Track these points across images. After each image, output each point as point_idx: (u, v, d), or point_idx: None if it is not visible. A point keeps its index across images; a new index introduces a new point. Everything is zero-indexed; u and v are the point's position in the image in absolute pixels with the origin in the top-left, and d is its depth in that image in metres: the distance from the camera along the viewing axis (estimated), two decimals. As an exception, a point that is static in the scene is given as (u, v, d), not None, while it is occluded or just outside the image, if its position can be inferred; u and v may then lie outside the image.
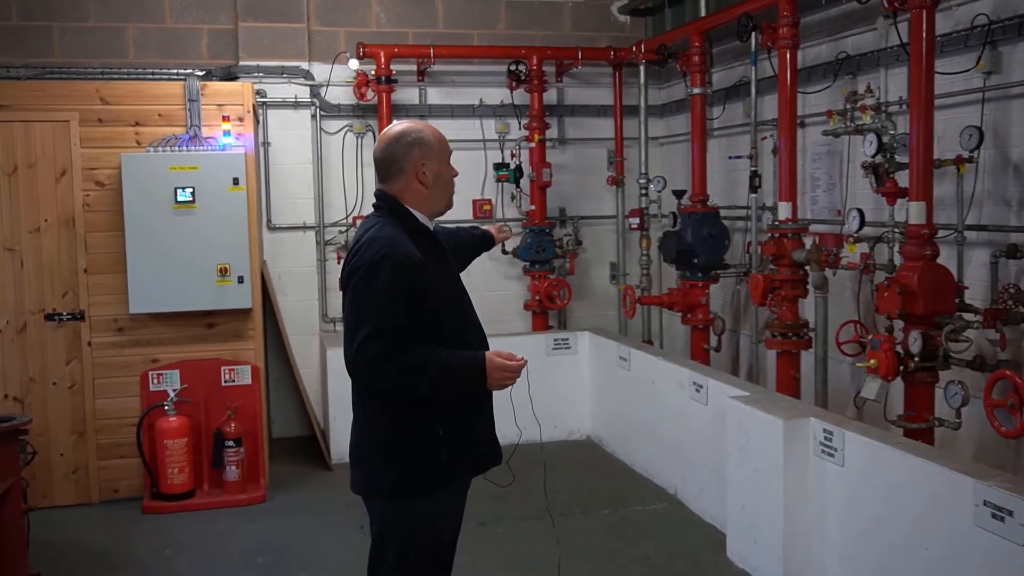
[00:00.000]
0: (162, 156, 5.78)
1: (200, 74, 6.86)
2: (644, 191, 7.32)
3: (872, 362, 4.48)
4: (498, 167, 7.65)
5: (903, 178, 4.66)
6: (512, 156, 7.71)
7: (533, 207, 7.60)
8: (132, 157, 5.73)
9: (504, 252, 7.59)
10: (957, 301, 4.53)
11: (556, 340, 7.17)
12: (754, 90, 6.29)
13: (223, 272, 5.82)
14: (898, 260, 4.79)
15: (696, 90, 6.62)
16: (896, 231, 4.89)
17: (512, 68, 7.51)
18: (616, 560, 4.89)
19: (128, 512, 5.74)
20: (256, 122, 6.68)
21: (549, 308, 7.66)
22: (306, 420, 7.04)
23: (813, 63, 6.03)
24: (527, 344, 7.06)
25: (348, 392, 3.03)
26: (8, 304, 5.75)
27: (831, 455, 4.15)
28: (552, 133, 7.83)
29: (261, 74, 7.18)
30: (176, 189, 5.71)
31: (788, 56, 5.49)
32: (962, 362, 4.50)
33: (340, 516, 5.47)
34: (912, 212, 4.49)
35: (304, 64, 7.32)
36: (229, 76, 7.05)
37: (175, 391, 5.83)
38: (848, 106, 5.12)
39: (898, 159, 4.76)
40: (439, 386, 2.84)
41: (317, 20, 7.40)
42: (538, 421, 3.45)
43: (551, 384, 6.92)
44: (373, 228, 2.94)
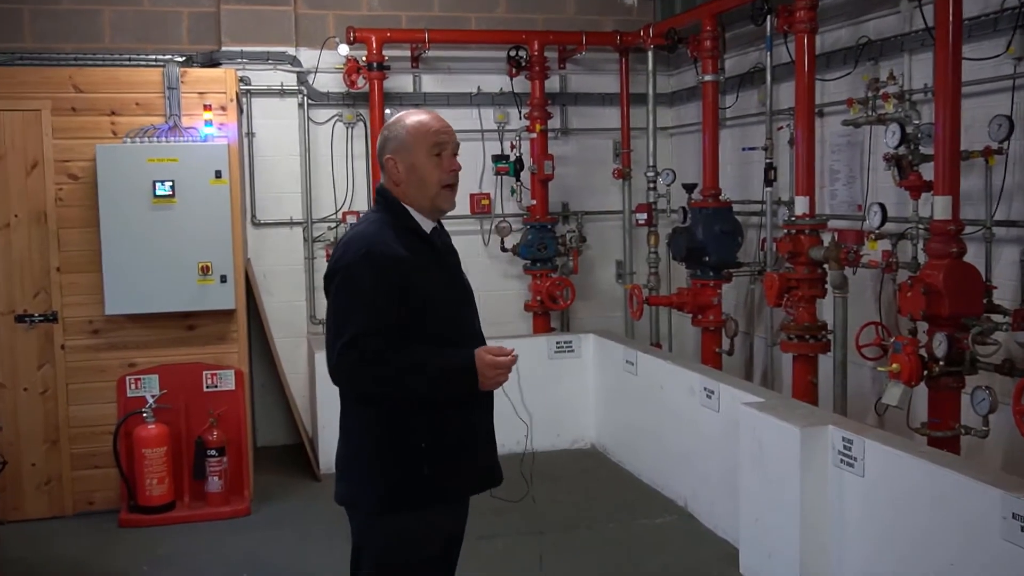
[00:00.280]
0: (140, 147, 5.78)
1: (180, 60, 6.85)
2: (652, 185, 7.31)
3: (894, 366, 4.48)
4: (497, 159, 7.63)
5: (928, 171, 4.65)
6: (512, 148, 7.69)
7: (534, 202, 7.59)
8: (108, 148, 5.73)
9: (504, 249, 7.58)
10: (985, 301, 4.52)
11: (558, 343, 7.16)
12: (769, 77, 6.28)
13: (205, 271, 5.81)
14: (922, 258, 4.79)
15: (708, 77, 6.61)
16: (920, 227, 4.89)
17: (512, 54, 7.50)
18: (622, 577, 4.89)
19: (104, 525, 5.73)
20: (240, 111, 6.67)
21: (551, 309, 7.65)
22: (293, 428, 7.04)
23: (832, 48, 6.02)
24: (528, 347, 7.05)
25: (337, 398, 3.02)
26: (-24, 304, 5.74)
27: (850, 465, 4.14)
28: (554, 123, 7.82)
29: (245, 60, 7.17)
30: (155, 182, 5.70)
31: (806, 41, 5.48)
32: (990, 366, 4.50)
33: (328, 529, 5.46)
34: (937, 207, 4.48)
35: (291, 49, 7.31)
36: (211, 62, 7.05)
37: (154, 397, 5.82)
38: (870, 94, 5.12)
39: (922, 151, 4.76)
40: (427, 388, 2.83)
41: (305, 3, 7.39)
42: (526, 422, 3.34)
43: (553, 390, 6.92)
44: (359, 225, 3.00)
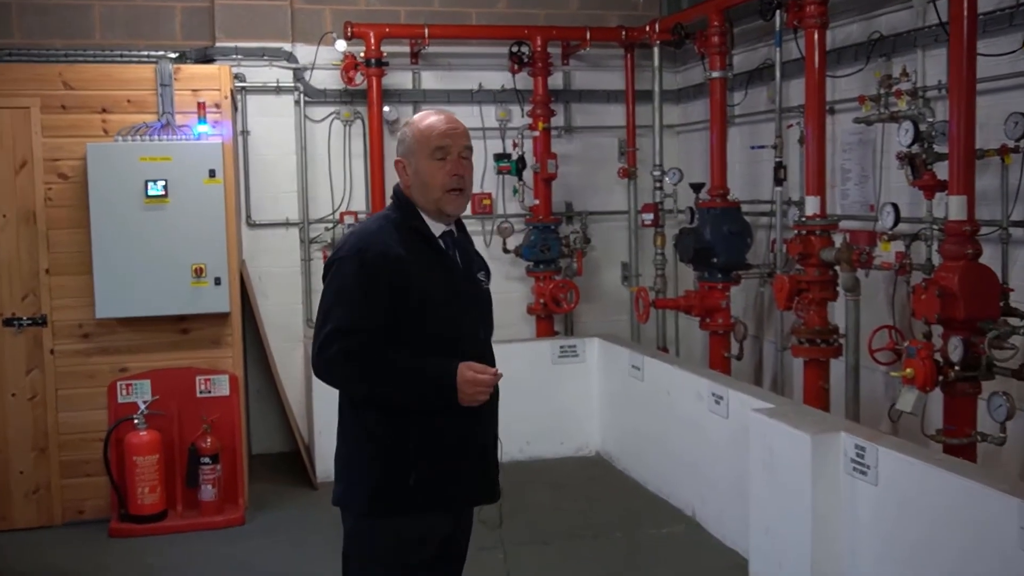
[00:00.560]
0: (132, 146, 5.79)
1: (173, 56, 6.85)
2: (658, 184, 7.31)
3: (908, 371, 4.47)
4: (499, 158, 7.66)
5: (942, 170, 4.66)
6: (514, 146, 7.72)
7: (537, 201, 7.60)
8: (99, 147, 5.75)
9: (506, 251, 7.60)
10: (1002, 304, 4.52)
11: (562, 347, 7.18)
12: (779, 74, 6.30)
13: (198, 273, 5.83)
14: (936, 260, 4.79)
15: (715, 73, 6.62)
16: (934, 228, 4.89)
17: (514, 50, 7.52)
18: (628, 588, 4.91)
19: (94, 535, 5.74)
20: (234, 109, 6.70)
21: (555, 312, 7.66)
22: (289, 435, 7.05)
23: (843, 44, 6.03)
24: (530, 351, 7.10)
25: (335, 404, 3.05)
26: (-37, 308, 5.76)
27: (863, 473, 4.15)
28: (558, 121, 7.84)
29: (240, 56, 7.19)
30: (147, 182, 5.72)
31: (816, 36, 5.48)
32: (1007, 371, 4.49)
33: (325, 538, 5.46)
34: (952, 207, 4.48)
35: (287, 45, 7.33)
36: (205, 58, 7.06)
37: (146, 403, 5.83)
38: (882, 91, 5.13)
39: (937, 149, 4.76)
40: (402, 393, 2.86)
41: (301, -3, 7.43)
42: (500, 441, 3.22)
43: (557, 395, 6.94)
44: (367, 221, 3.07)
